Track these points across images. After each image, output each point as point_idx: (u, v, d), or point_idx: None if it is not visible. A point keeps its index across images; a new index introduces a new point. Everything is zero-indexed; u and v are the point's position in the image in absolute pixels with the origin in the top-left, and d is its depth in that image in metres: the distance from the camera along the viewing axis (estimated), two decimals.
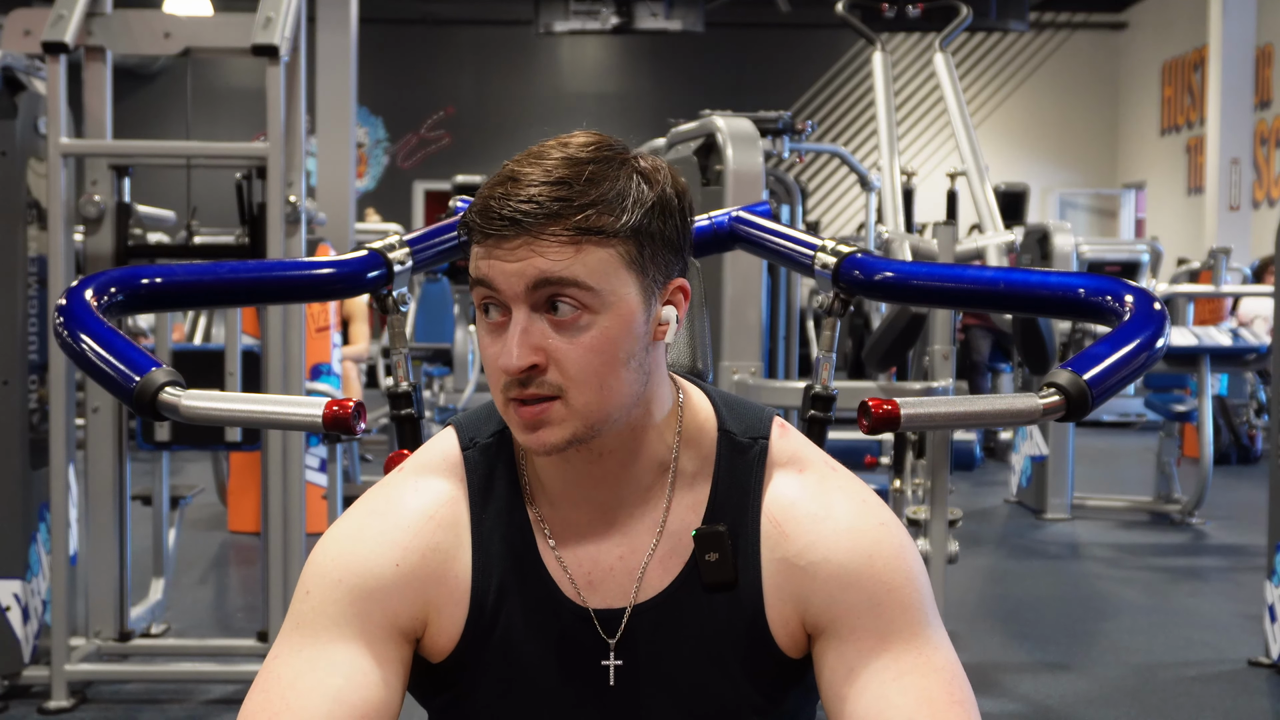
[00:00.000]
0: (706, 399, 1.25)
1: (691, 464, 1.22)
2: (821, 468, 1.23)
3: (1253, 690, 3.98)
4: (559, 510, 1.22)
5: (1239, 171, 12.02)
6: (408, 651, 1.19)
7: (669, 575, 1.21)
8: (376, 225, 10.52)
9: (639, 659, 1.21)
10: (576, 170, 1.11)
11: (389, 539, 1.18)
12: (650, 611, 1.20)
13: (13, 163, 3.62)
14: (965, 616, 4.80)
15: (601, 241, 1.11)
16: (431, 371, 8.69)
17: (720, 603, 1.20)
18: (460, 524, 1.21)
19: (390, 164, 15.71)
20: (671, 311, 1.17)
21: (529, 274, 1.10)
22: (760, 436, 1.23)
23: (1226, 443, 8.60)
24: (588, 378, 1.12)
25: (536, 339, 1.11)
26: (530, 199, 1.10)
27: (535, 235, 1.10)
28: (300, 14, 3.68)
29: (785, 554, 1.19)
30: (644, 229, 1.13)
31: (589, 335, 1.11)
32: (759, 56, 15.55)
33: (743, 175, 3.73)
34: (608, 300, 1.11)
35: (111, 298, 1.54)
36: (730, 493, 1.21)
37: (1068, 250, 6.20)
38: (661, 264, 1.15)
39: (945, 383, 3.62)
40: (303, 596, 1.18)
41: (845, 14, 4.61)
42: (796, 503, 1.20)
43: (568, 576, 1.21)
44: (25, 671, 3.66)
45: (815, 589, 1.18)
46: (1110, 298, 1.56)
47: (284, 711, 1.11)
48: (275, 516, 3.68)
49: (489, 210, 1.11)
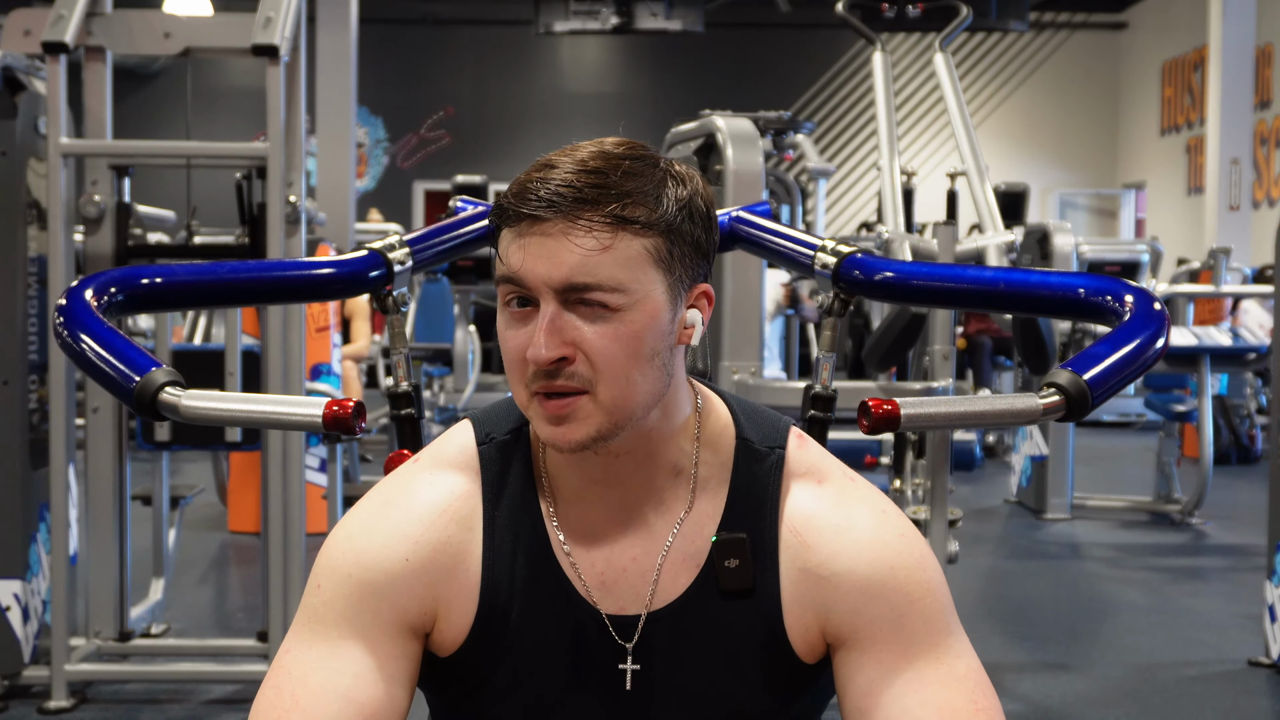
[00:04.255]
0: (725, 406, 1.25)
1: (707, 470, 1.22)
2: (841, 479, 1.23)
3: (1253, 690, 3.98)
4: (573, 510, 1.21)
5: (1239, 171, 12.02)
6: (417, 647, 1.19)
7: (684, 581, 1.20)
8: (377, 225, 10.52)
9: (655, 665, 1.20)
10: (613, 164, 1.13)
11: (400, 532, 1.19)
12: (667, 618, 1.20)
13: (13, 163, 3.62)
14: (965, 616, 4.76)
15: (636, 232, 1.12)
16: (431, 371, 8.69)
17: (738, 610, 1.20)
18: (473, 519, 1.21)
19: (390, 164, 15.71)
20: (696, 315, 1.18)
21: (565, 262, 1.10)
22: (778, 446, 1.23)
23: (1226, 443, 8.60)
24: (615, 371, 1.12)
25: (565, 331, 1.11)
26: (568, 184, 1.11)
27: (571, 220, 1.10)
28: (300, 14, 3.68)
29: (807, 564, 1.19)
30: (675, 227, 1.14)
31: (617, 329, 1.11)
32: (759, 56, 15.55)
33: (743, 175, 3.73)
34: (636, 295, 1.12)
35: (111, 298, 1.54)
36: (748, 500, 1.21)
37: (1068, 250, 6.20)
38: (689, 265, 1.16)
39: (945, 383, 3.62)
40: (314, 590, 1.18)
41: (845, 14, 4.60)
42: (818, 514, 1.20)
43: (580, 577, 1.20)
44: (25, 671, 3.66)
45: (838, 600, 1.18)
46: (1110, 298, 1.56)
47: (294, 710, 1.12)
48: (275, 516, 3.68)
49: (526, 192, 1.12)
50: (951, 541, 3.53)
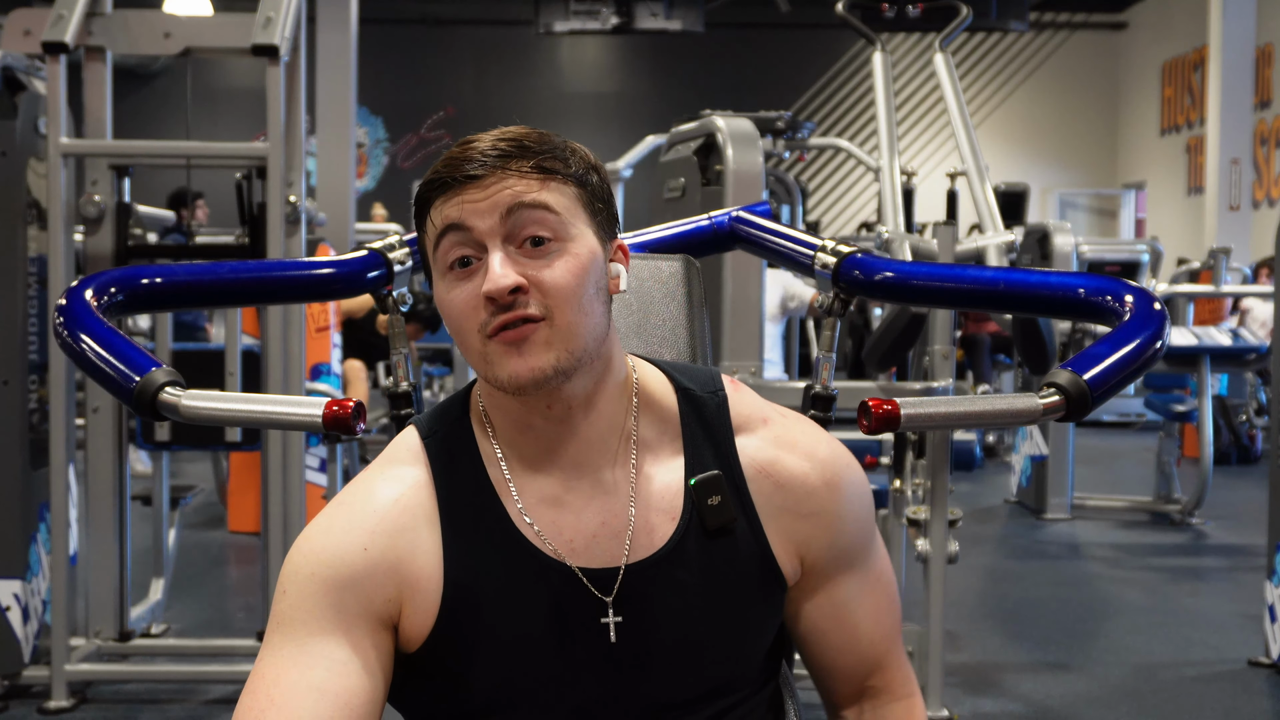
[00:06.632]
0: (654, 366, 1.32)
1: (655, 427, 1.27)
2: (779, 418, 1.32)
3: (1253, 690, 3.98)
4: (531, 482, 1.24)
5: (1239, 171, 12.01)
6: (387, 638, 1.20)
7: (665, 531, 1.24)
8: (378, 225, 10.52)
9: (642, 614, 1.22)
10: (524, 134, 1.21)
11: (356, 526, 1.21)
12: (650, 569, 1.23)
13: (13, 163, 3.62)
14: (965, 616, 4.80)
15: (560, 181, 1.20)
16: (431, 371, 8.69)
17: (726, 545, 1.25)
18: (428, 505, 1.23)
19: (390, 164, 15.71)
20: (619, 268, 1.25)
21: (504, 201, 1.17)
22: (718, 390, 1.31)
23: (1226, 443, 8.60)
24: (568, 296, 1.17)
25: (517, 266, 1.17)
26: (493, 147, 1.19)
27: (503, 170, 1.18)
28: (300, 14, 3.68)
29: (785, 504, 1.28)
30: (589, 183, 1.23)
31: (564, 260, 1.18)
32: (759, 56, 15.55)
33: (743, 175, 3.73)
34: (573, 232, 1.19)
35: (111, 298, 1.54)
36: (705, 444, 1.28)
37: (1068, 250, 6.20)
38: (605, 221, 1.24)
39: (945, 383, 3.62)
40: (280, 596, 1.20)
41: (845, 14, 4.60)
42: (778, 457, 1.29)
43: (547, 543, 1.22)
44: (25, 671, 3.66)
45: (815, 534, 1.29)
46: (1110, 298, 1.56)
47: (269, 709, 1.13)
48: (275, 516, 3.68)
49: (454, 160, 1.19)
50: (951, 541, 3.53)
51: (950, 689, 3.83)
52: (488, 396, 1.26)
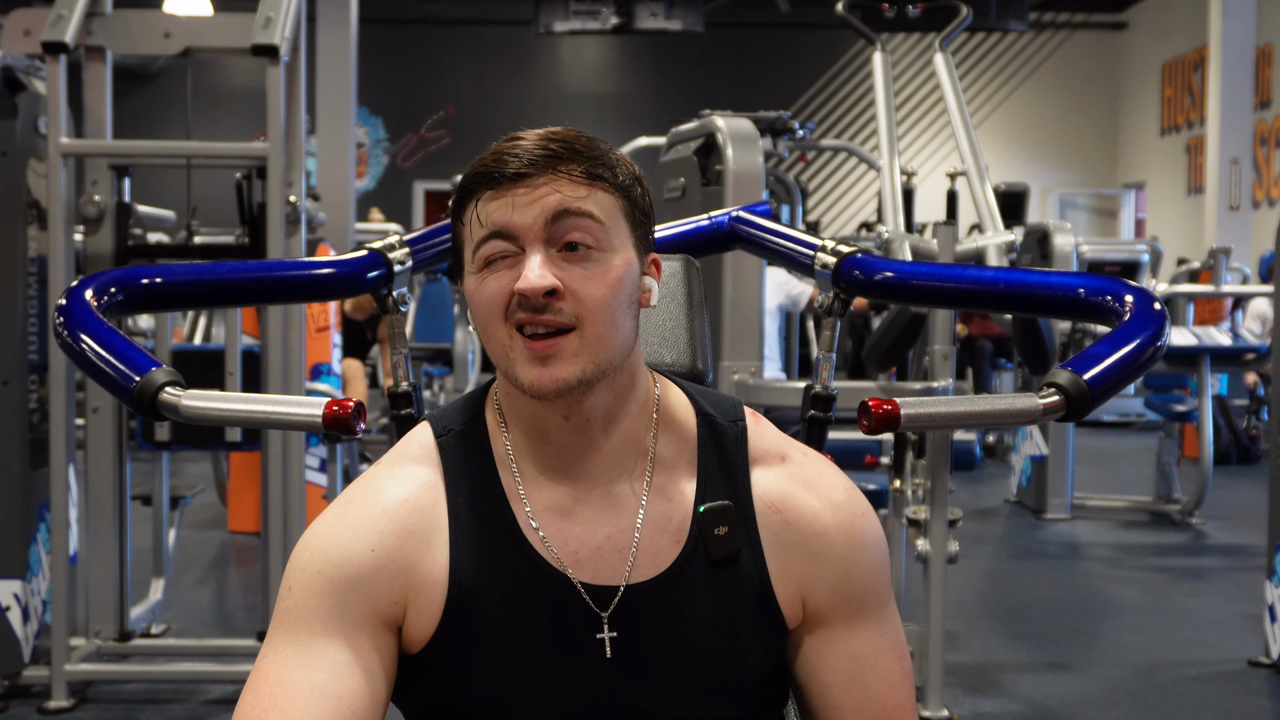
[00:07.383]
0: (679, 389, 1.31)
1: (672, 447, 1.26)
2: (799, 456, 1.30)
3: (1253, 690, 3.98)
4: (541, 490, 1.23)
5: (1239, 171, 12.01)
6: (390, 640, 1.20)
7: (669, 554, 1.23)
8: (378, 225, 10.52)
9: (638, 634, 1.22)
10: (573, 136, 1.20)
11: (364, 525, 1.20)
12: (651, 590, 1.22)
13: (13, 163, 3.62)
14: (965, 616, 4.80)
15: (606, 189, 1.19)
16: (431, 371, 8.69)
17: (728, 577, 1.24)
18: (437, 507, 1.22)
19: (390, 164, 15.70)
20: (652, 281, 1.25)
21: (551, 205, 1.16)
22: (738, 419, 1.29)
23: (1226, 443, 8.60)
24: (601, 308, 1.16)
25: (555, 268, 1.16)
26: (543, 147, 1.17)
27: (553, 172, 1.17)
28: (300, 14, 3.68)
29: (791, 540, 1.25)
30: (632, 194, 1.22)
31: (603, 270, 1.17)
32: (759, 56, 15.54)
33: (743, 175, 3.73)
34: (614, 243, 1.19)
35: (111, 298, 1.54)
36: (719, 472, 1.26)
37: (1068, 250, 6.20)
38: (644, 233, 1.23)
39: (945, 383, 3.62)
40: (285, 593, 1.19)
41: (845, 14, 4.60)
42: (791, 493, 1.26)
43: (552, 552, 1.22)
44: (25, 671, 3.66)
45: (820, 576, 1.25)
46: (1110, 298, 1.56)
47: (271, 709, 1.13)
48: (275, 516, 3.68)
49: (503, 155, 1.17)
50: (951, 541, 3.53)
51: (950, 689, 3.83)
52: (505, 396, 1.25)
